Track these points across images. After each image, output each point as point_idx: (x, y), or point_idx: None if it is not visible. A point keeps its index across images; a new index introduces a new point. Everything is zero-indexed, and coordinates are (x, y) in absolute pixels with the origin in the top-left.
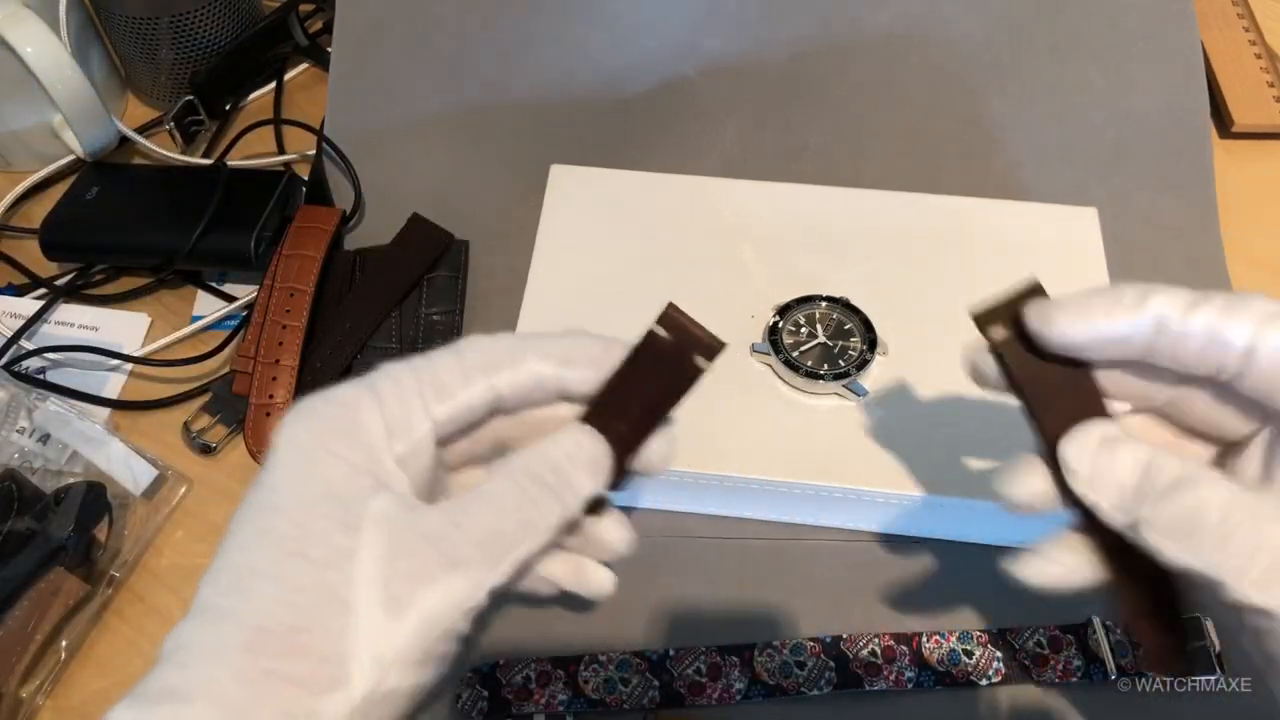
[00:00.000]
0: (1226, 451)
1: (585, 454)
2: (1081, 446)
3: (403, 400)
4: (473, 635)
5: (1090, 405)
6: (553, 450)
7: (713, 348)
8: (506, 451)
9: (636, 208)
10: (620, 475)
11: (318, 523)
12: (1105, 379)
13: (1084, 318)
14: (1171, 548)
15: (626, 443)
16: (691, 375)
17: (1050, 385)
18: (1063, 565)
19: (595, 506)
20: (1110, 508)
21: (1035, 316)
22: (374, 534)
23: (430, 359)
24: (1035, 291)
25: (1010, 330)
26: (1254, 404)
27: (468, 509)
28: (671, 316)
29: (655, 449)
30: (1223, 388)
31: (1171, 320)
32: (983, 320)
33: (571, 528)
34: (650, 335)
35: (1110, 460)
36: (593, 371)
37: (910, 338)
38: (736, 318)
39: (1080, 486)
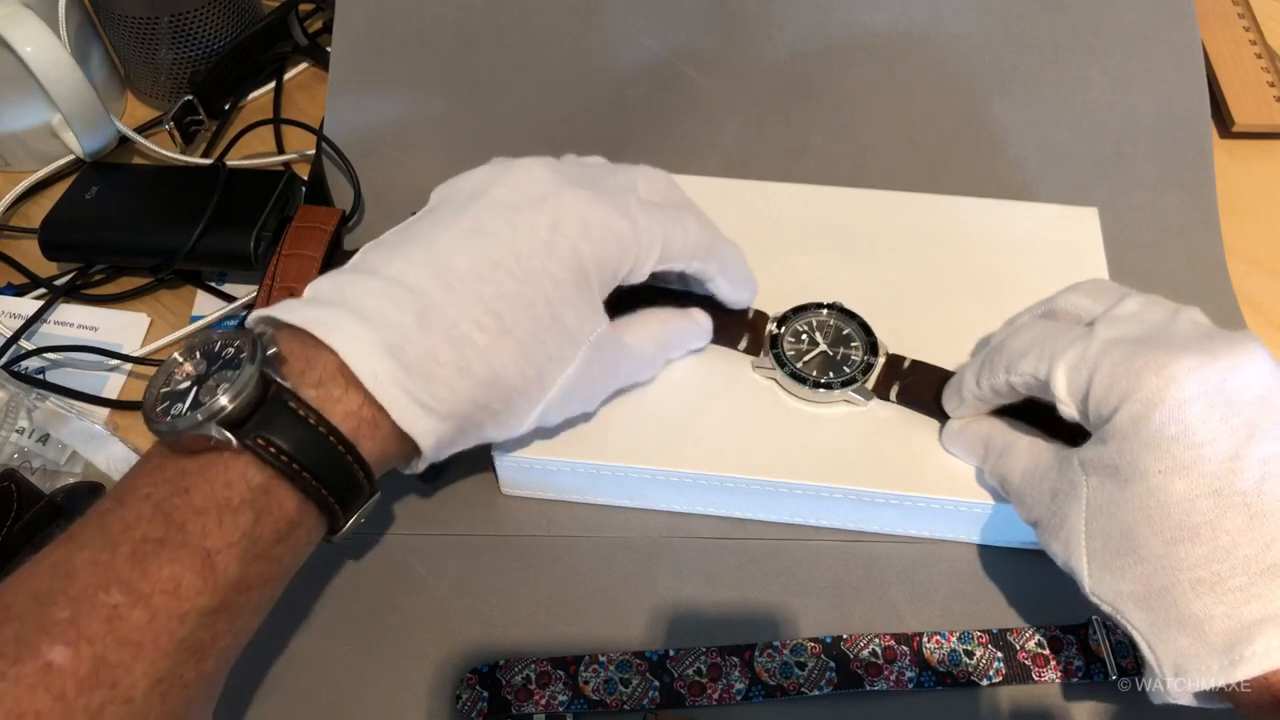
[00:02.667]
0: None
1: (706, 328)
2: (949, 434)
3: (647, 256)
4: None
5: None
6: (686, 330)
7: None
8: None
9: None
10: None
11: (567, 336)
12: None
13: (950, 404)
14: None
15: None
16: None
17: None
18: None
19: None
20: (978, 465)
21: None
22: (576, 362)
23: (682, 217)
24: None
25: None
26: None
27: (625, 360)
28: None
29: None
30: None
31: (970, 387)
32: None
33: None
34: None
35: (965, 436)
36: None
37: (912, 338)
38: None
39: (946, 443)
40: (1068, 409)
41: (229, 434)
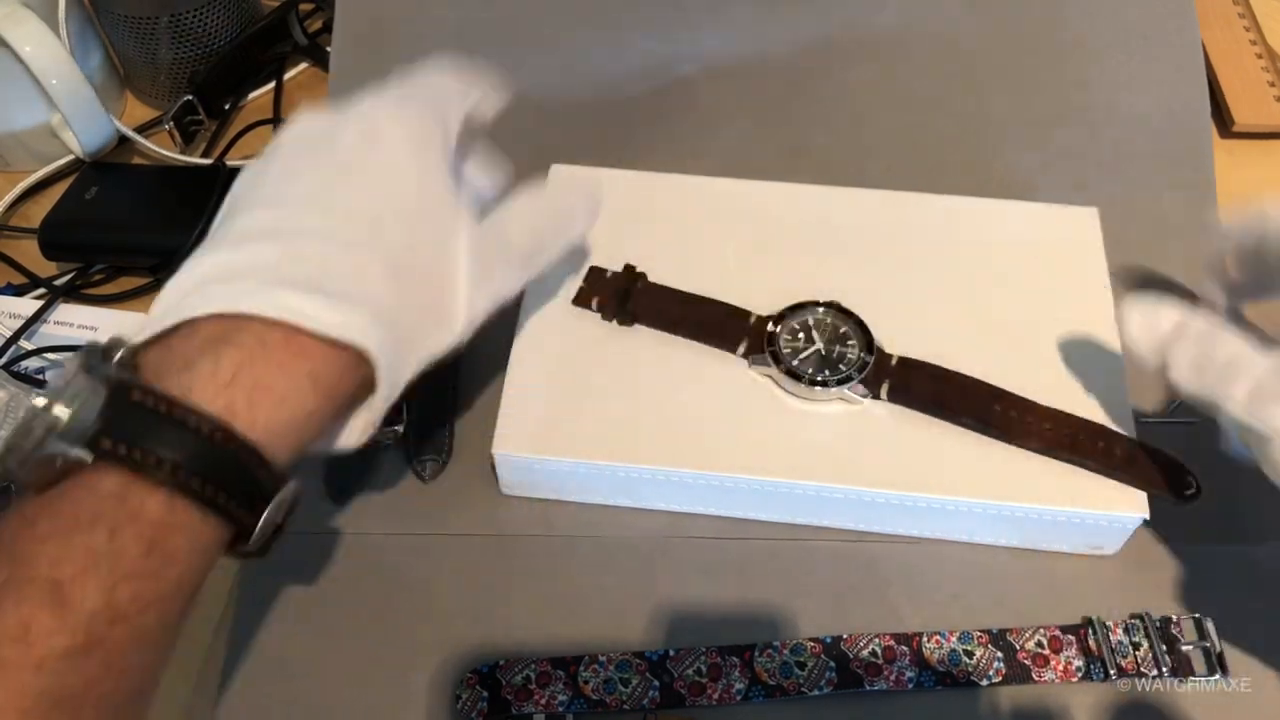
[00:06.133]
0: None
1: (586, 201)
2: (1135, 308)
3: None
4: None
5: None
6: (566, 194)
7: None
8: None
9: (636, 208)
10: None
11: (440, 205)
12: None
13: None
14: (1190, 379)
15: None
16: None
17: None
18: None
19: None
20: (1149, 352)
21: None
22: (463, 227)
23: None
24: None
25: None
26: None
27: (508, 231)
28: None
29: None
30: None
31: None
32: None
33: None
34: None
35: (1155, 316)
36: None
37: (912, 338)
38: None
39: (1132, 331)
40: None
41: (68, 445)
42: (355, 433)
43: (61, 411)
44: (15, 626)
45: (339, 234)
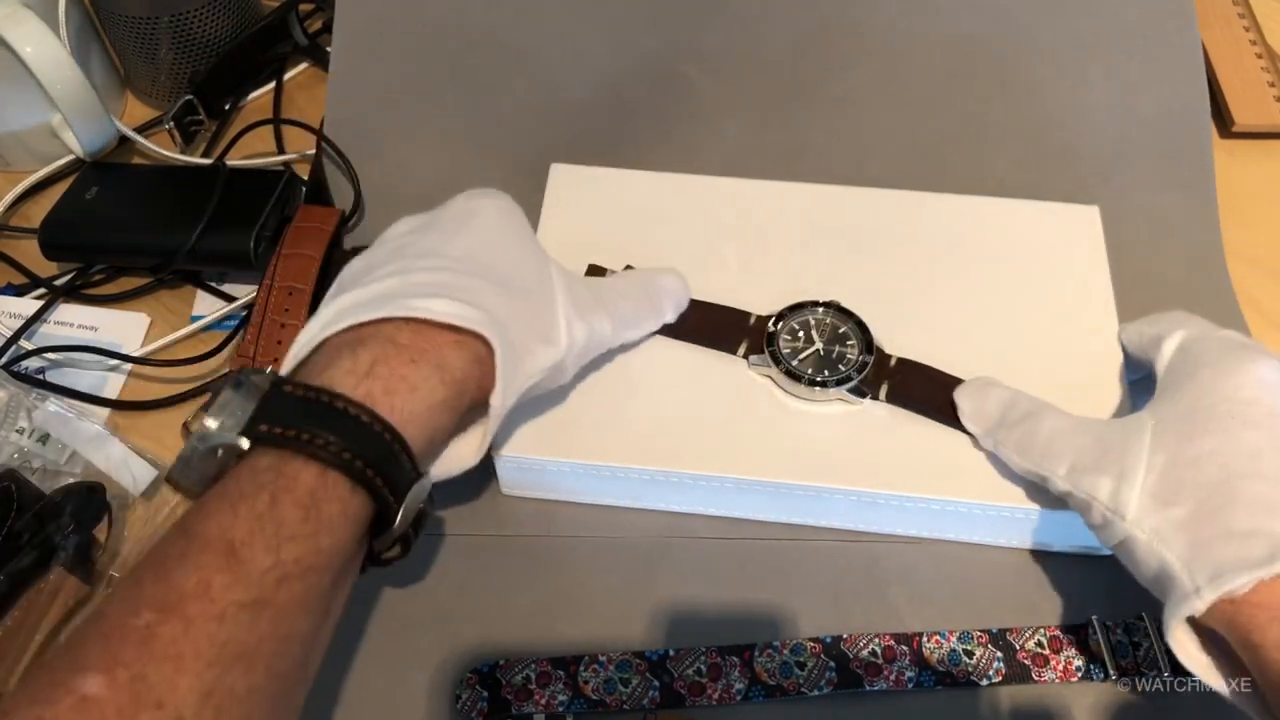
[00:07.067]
0: None
1: (678, 291)
2: (964, 394)
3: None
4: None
5: None
6: (663, 280)
7: None
8: None
9: (636, 207)
10: None
11: (533, 251)
12: None
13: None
14: (1018, 460)
15: None
16: None
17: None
18: None
19: None
20: (982, 435)
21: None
22: (556, 274)
23: None
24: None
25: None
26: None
27: (602, 290)
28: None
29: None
30: None
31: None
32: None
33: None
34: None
35: (983, 401)
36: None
37: (912, 338)
38: None
39: (964, 420)
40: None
41: (230, 435)
42: (472, 449)
43: (212, 420)
44: (196, 585)
45: (451, 268)
